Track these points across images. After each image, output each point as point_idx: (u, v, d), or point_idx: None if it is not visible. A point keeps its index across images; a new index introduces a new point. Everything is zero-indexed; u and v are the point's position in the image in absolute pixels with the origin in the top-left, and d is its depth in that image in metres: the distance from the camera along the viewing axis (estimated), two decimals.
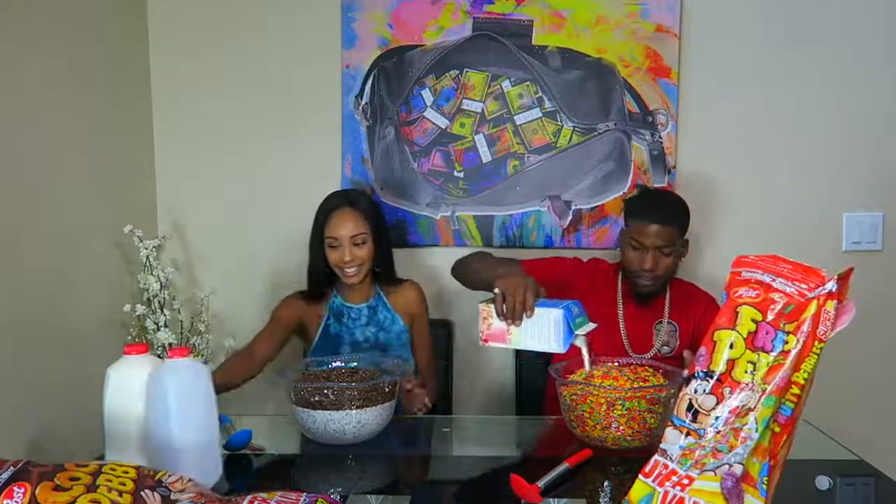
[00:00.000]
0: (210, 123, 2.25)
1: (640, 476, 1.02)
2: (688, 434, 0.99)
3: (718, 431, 0.97)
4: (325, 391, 1.41)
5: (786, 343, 0.96)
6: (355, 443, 1.43)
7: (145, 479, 0.94)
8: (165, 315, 2.01)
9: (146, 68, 2.23)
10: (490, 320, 1.47)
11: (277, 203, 2.26)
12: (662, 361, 1.58)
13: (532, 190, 2.21)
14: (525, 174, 2.21)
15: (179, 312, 2.11)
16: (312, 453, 1.46)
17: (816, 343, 0.95)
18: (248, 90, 2.23)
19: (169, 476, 0.96)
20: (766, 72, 2.17)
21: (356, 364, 1.61)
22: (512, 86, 2.18)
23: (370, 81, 2.20)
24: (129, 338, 1.97)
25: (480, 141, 2.20)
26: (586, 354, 1.46)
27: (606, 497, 1.16)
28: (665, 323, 1.87)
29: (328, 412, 1.40)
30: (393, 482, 1.37)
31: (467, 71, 2.19)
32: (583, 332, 1.44)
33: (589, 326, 1.46)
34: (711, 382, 0.99)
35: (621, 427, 1.36)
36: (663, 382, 1.43)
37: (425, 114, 2.20)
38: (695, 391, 1.00)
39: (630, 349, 1.85)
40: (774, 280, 1.01)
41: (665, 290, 1.89)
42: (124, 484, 0.91)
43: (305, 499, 0.95)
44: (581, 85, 2.17)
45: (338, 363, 1.62)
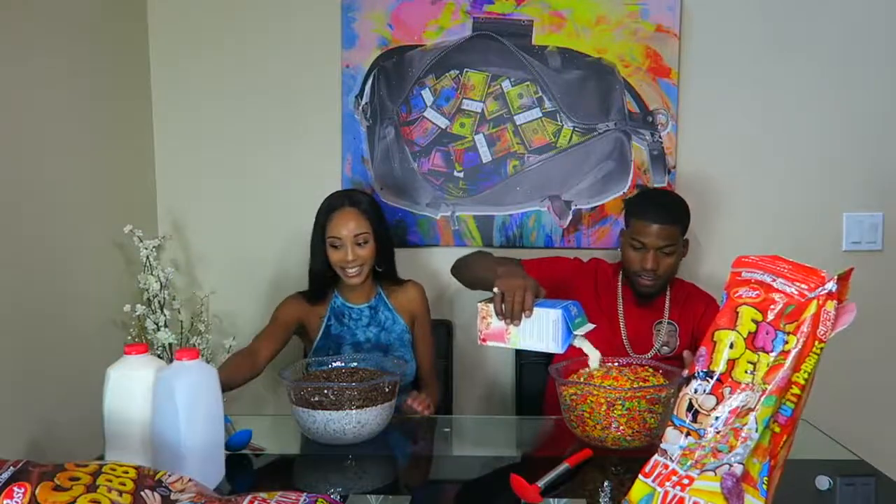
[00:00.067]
0: (210, 123, 2.25)
1: (640, 476, 1.02)
2: (688, 434, 1.00)
3: (718, 431, 0.97)
4: (325, 391, 1.41)
5: (786, 343, 0.96)
6: (355, 443, 1.43)
7: (145, 479, 0.94)
8: (165, 315, 2.01)
9: (146, 68, 2.23)
10: (489, 320, 1.47)
11: (277, 203, 2.26)
12: (662, 361, 1.58)
13: (532, 190, 2.21)
14: (525, 174, 2.21)
15: (179, 312, 2.11)
16: (312, 453, 1.46)
17: (817, 343, 0.95)
18: (248, 90, 2.23)
19: (169, 476, 0.96)
20: (766, 72, 2.17)
21: (356, 364, 1.61)
22: (512, 86, 2.18)
23: (370, 81, 2.20)
24: (129, 338, 1.97)
25: (480, 141, 2.20)
26: (592, 351, 1.46)
27: (606, 497, 1.16)
28: (665, 323, 1.87)
29: (328, 412, 1.40)
30: (393, 482, 1.37)
31: (467, 71, 2.19)
32: (581, 333, 1.44)
33: (588, 327, 1.45)
34: (711, 382, 0.99)
35: (621, 427, 1.37)
36: (663, 382, 1.43)
37: (425, 114, 2.20)
38: (695, 391, 1.00)
39: (630, 349, 1.85)
40: (775, 280, 1.01)
41: (665, 290, 1.89)
42: (124, 484, 0.91)
43: (305, 499, 0.95)
44: (581, 85, 2.17)
45: (338, 363, 1.62)
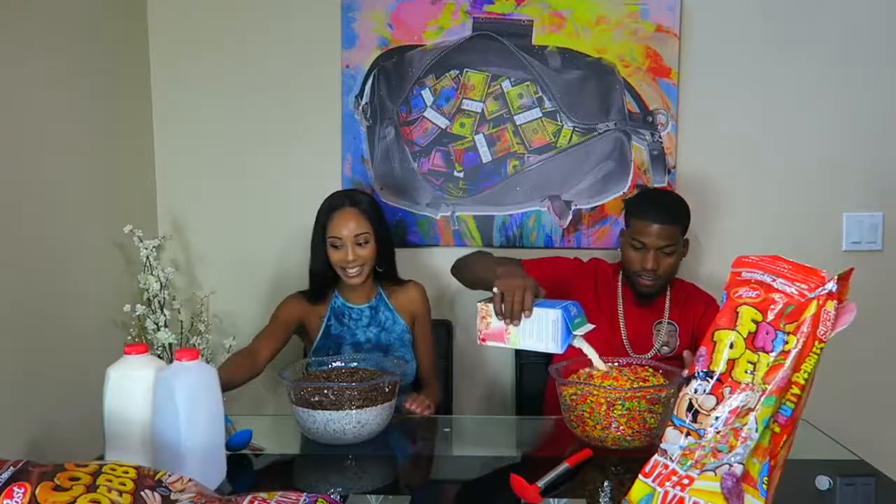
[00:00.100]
0: (210, 123, 2.25)
1: (640, 476, 1.02)
2: (688, 434, 1.00)
3: (718, 431, 0.97)
4: (325, 391, 1.41)
5: (786, 343, 0.96)
6: (355, 443, 1.43)
7: (145, 479, 0.94)
8: (165, 315, 2.00)
9: (146, 68, 2.23)
10: (489, 319, 1.47)
11: (277, 203, 2.26)
12: (662, 361, 1.58)
13: (532, 190, 2.21)
14: (525, 174, 2.21)
15: (179, 312, 2.11)
16: (312, 453, 1.46)
17: (817, 343, 0.95)
18: (248, 90, 2.23)
19: (169, 476, 0.96)
20: (766, 72, 2.17)
21: (356, 364, 1.61)
22: (512, 86, 2.18)
23: (370, 81, 2.20)
24: (129, 338, 1.97)
25: (480, 141, 2.20)
26: (592, 352, 1.46)
27: (606, 497, 1.16)
28: (665, 323, 1.87)
29: (328, 412, 1.40)
30: (393, 482, 1.37)
31: (467, 71, 2.19)
32: (581, 333, 1.43)
33: (587, 327, 1.45)
34: (711, 382, 0.99)
35: (621, 427, 1.36)
36: (663, 382, 1.43)
37: (425, 114, 2.20)
38: (695, 391, 1.00)
39: (630, 349, 1.85)
40: (775, 280, 1.01)
41: (665, 290, 1.89)
42: (124, 484, 0.91)
43: (305, 499, 0.95)
44: (581, 85, 2.17)
45: (338, 363, 1.62)
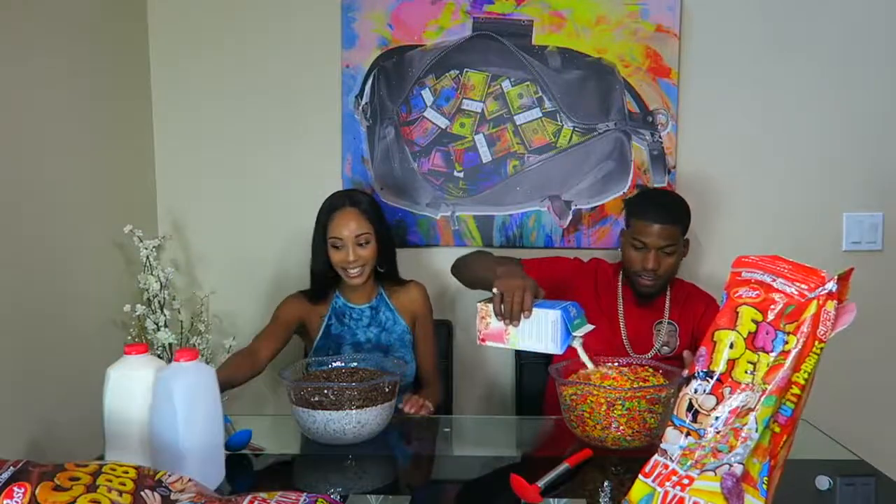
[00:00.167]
0: (210, 123, 2.25)
1: (640, 476, 1.02)
2: (688, 434, 0.99)
3: (718, 431, 0.97)
4: (325, 391, 1.41)
5: (786, 343, 0.96)
6: (355, 443, 1.43)
7: (145, 479, 0.94)
8: (165, 315, 2.00)
9: (146, 68, 2.23)
10: (488, 320, 1.47)
11: (277, 203, 2.26)
12: (662, 361, 1.58)
13: (532, 190, 2.21)
14: (525, 174, 2.21)
15: (179, 312, 2.11)
16: (312, 453, 1.46)
17: (817, 343, 0.95)
18: (248, 90, 2.23)
19: (169, 476, 0.96)
20: (766, 72, 2.17)
21: (356, 364, 1.61)
22: (512, 86, 2.18)
23: (370, 81, 2.20)
24: (129, 338, 1.97)
25: (480, 141, 2.20)
26: (585, 357, 1.46)
27: (606, 497, 1.16)
28: (665, 323, 1.87)
29: (328, 412, 1.40)
30: (393, 482, 1.37)
31: (467, 71, 2.19)
32: (580, 334, 1.43)
33: (587, 328, 1.45)
34: (711, 382, 0.99)
35: (621, 427, 1.36)
36: (663, 382, 1.43)
37: (425, 114, 2.20)
38: (695, 391, 1.00)
39: (630, 349, 1.85)
40: (775, 280, 1.01)
41: (665, 290, 1.89)
42: (124, 484, 0.91)
43: (305, 499, 0.95)
44: (581, 85, 2.17)
45: (338, 363, 1.62)
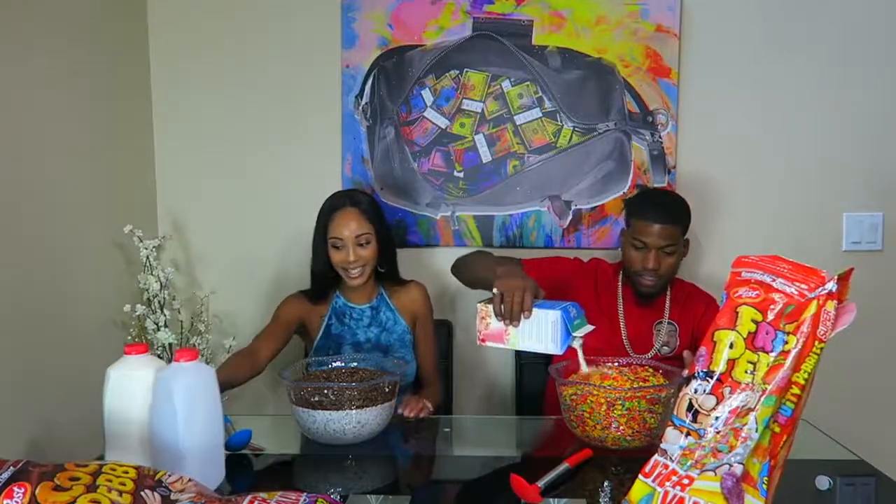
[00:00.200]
0: (210, 123, 2.25)
1: (640, 476, 1.02)
2: (688, 434, 1.00)
3: (718, 431, 0.97)
4: (325, 391, 1.41)
5: (786, 343, 0.96)
6: (355, 443, 1.43)
7: (145, 479, 0.94)
8: (165, 315, 2.00)
9: (146, 68, 2.23)
10: (488, 320, 1.47)
11: (277, 203, 2.26)
12: (662, 361, 1.58)
13: (532, 190, 2.21)
14: (525, 174, 2.21)
15: (179, 312, 2.11)
16: (312, 453, 1.46)
17: (817, 343, 0.95)
18: (248, 90, 2.23)
19: (169, 476, 0.96)
20: (766, 72, 2.17)
21: (356, 364, 1.61)
22: (512, 86, 2.18)
23: (370, 81, 2.20)
24: (129, 338, 1.97)
25: (480, 141, 2.20)
26: (582, 358, 1.46)
27: (606, 497, 1.16)
28: (665, 323, 1.87)
29: (328, 412, 1.40)
30: (393, 482, 1.37)
31: (467, 71, 2.18)
32: (580, 335, 1.43)
33: (587, 329, 1.45)
34: (711, 382, 0.99)
35: (621, 427, 1.36)
36: (663, 382, 1.43)
37: (425, 114, 2.20)
38: (695, 391, 1.00)
39: (630, 349, 1.85)
40: (774, 280, 1.01)
41: (665, 290, 1.89)
42: (124, 484, 0.91)
43: (305, 499, 0.95)
44: (581, 85, 2.17)
45: (338, 363, 1.62)
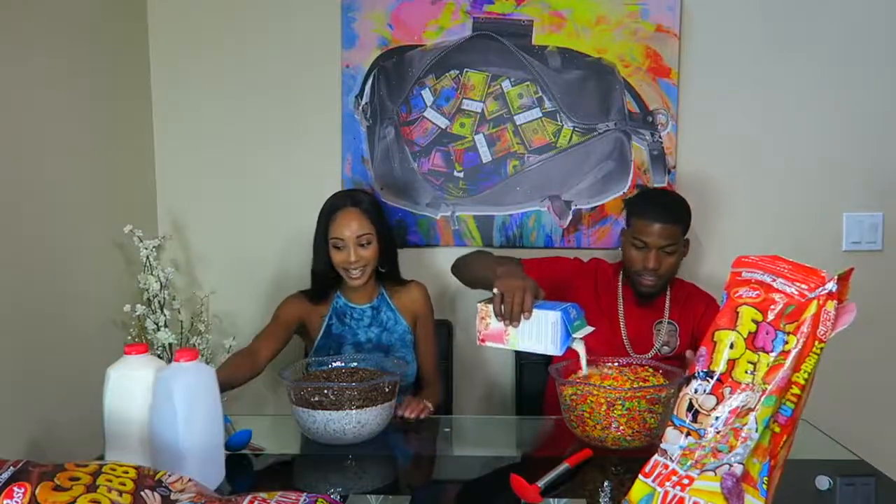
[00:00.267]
0: (210, 123, 2.25)
1: (640, 476, 1.02)
2: (688, 434, 1.00)
3: (718, 431, 0.97)
4: (325, 391, 1.41)
5: (786, 343, 0.96)
6: (355, 443, 1.43)
7: (145, 479, 0.94)
8: (165, 315, 2.00)
9: (146, 68, 2.23)
10: (488, 320, 1.47)
11: (277, 203, 2.26)
12: (662, 361, 1.58)
13: (532, 190, 2.21)
14: (525, 174, 2.21)
15: (179, 312, 2.11)
16: (312, 453, 1.46)
17: (817, 343, 0.95)
18: (248, 90, 2.23)
19: (169, 476, 0.96)
20: (766, 72, 2.17)
21: (356, 364, 1.61)
22: (512, 86, 2.18)
23: (370, 81, 2.20)
24: (129, 338, 1.97)
25: (480, 141, 2.20)
26: (583, 358, 1.46)
27: (606, 497, 1.16)
28: (665, 323, 1.87)
29: (328, 412, 1.40)
30: (393, 482, 1.37)
31: (467, 71, 2.18)
32: (580, 336, 1.43)
33: (587, 329, 1.45)
34: (712, 382, 0.99)
35: (621, 427, 1.36)
36: (663, 382, 1.43)
37: (425, 114, 2.20)
38: (695, 391, 1.00)
39: (630, 349, 1.85)
40: (775, 280, 1.01)
41: (665, 290, 1.89)
42: (124, 484, 0.91)
43: (305, 499, 0.95)
44: (581, 85, 2.17)
45: (338, 363, 1.62)
